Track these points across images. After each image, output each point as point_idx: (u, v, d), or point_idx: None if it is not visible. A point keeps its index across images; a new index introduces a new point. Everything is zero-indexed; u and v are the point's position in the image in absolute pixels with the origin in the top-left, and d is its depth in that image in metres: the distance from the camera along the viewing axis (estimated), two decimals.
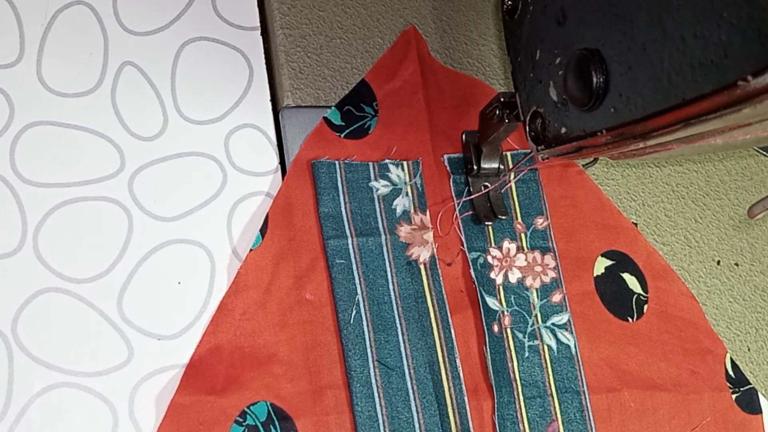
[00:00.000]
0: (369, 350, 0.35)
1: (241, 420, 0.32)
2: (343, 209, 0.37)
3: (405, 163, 0.39)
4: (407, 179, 0.39)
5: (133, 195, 0.36)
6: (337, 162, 0.38)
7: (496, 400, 0.36)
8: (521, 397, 0.37)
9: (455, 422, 0.35)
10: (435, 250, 0.38)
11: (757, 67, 0.19)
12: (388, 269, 0.37)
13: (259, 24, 0.41)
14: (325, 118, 0.39)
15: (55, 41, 0.37)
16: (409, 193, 0.39)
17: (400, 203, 0.38)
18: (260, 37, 0.41)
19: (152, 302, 0.35)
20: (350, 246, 0.37)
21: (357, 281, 0.36)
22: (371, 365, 0.35)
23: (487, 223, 0.40)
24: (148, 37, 0.39)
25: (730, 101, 0.21)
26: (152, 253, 0.36)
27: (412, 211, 0.39)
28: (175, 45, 0.39)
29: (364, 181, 0.38)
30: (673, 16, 0.22)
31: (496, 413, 0.36)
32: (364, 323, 0.36)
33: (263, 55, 0.41)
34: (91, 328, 0.34)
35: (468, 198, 0.40)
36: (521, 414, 0.37)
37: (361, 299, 0.36)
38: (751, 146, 0.48)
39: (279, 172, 0.39)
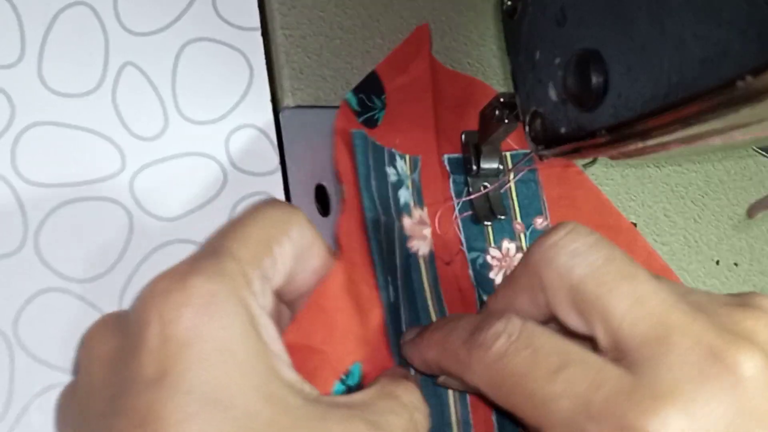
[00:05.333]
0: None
1: (344, 378, 0.31)
2: (372, 185, 0.37)
3: (407, 156, 0.39)
4: (408, 173, 0.39)
5: (134, 195, 0.36)
6: (369, 138, 0.37)
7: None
8: None
9: (455, 413, 0.35)
10: (433, 246, 0.38)
11: (756, 67, 0.19)
12: (398, 255, 0.37)
13: (259, 24, 0.41)
14: (345, 101, 0.38)
15: (56, 42, 0.37)
16: (409, 187, 0.39)
17: (403, 195, 0.38)
18: (260, 38, 0.41)
19: None
20: (379, 222, 0.36)
21: (385, 258, 0.35)
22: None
23: (486, 223, 0.40)
24: (149, 37, 0.39)
25: (729, 101, 0.21)
26: (152, 253, 0.36)
27: (412, 204, 0.38)
28: (176, 45, 0.39)
29: (381, 164, 0.38)
30: (672, 16, 0.22)
31: (494, 412, 0.36)
32: (402, 308, 0.35)
33: (263, 56, 0.41)
34: None
35: (467, 198, 0.40)
36: None
37: (390, 279, 0.35)
38: (750, 146, 0.48)
39: (279, 172, 0.39)
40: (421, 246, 0.38)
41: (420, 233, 0.38)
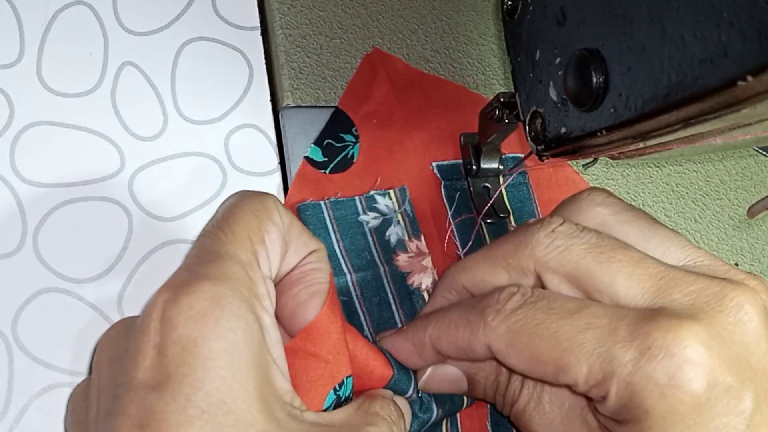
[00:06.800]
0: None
1: (338, 387, 0.31)
2: (336, 247, 0.36)
3: (391, 191, 0.38)
4: (396, 207, 0.38)
5: (133, 195, 0.36)
6: (322, 203, 0.37)
7: (489, 407, 0.36)
8: None
9: (445, 428, 0.35)
10: (435, 274, 0.38)
11: (756, 67, 0.19)
12: (392, 300, 0.36)
13: (259, 24, 0.41)
14: (306, 158, 0.38)
15: (55, 41, 0.37)
16: (401, 221, 0.38)
17: (393, 232, 0.38)
18: (260, 37, 0.41)
19: None
20: (350, 282, 0.36)
21: (362, 318, 0.35)
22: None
23: (489, 221, 0.39)
24: (148, 37, 0.39)
25: (729, 101, 0.21)
26: (152, 253, 0.36)
27: (407, 238, 0.38)
28: (175, 45, 0.39)
29: (353, 217, 0.37)
30: (672, 16, 0.22)
31: (489, 420, 0.36)
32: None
33: (263, 55, 0.41)
34: (91, 328, 0.34)
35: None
36: None
37: (368, 335, 0.35)
38: (751, 146, 0.48)
39: (279, 172, 0.39)
40: (423, 279, 0.37)
41: (419, 266, 0.37)
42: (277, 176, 0.39)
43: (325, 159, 0.38)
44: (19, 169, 0.35)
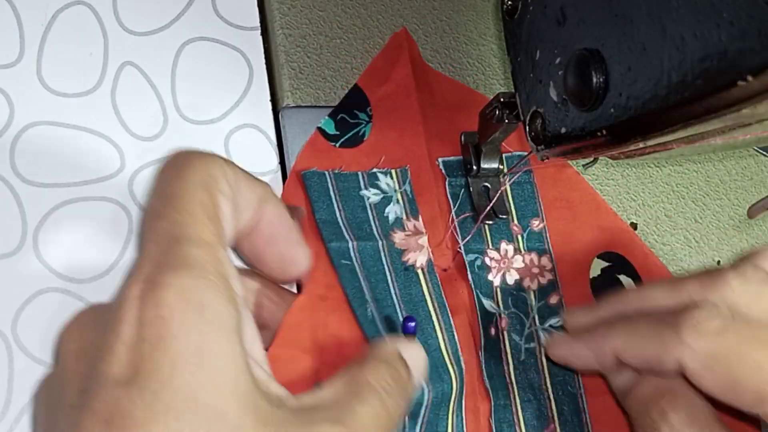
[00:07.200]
0: None
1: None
2: (338, 216, 0.37)
3: (393, 171, 0.39)
4: (396, 187, 0.39)
5: (133, 195, 0.36)
6: (326, 172, 0.37)
7: (492, 403, 0.36)
8: (517, 400, 0.37)
9: (451, 424, 0.35)
10: (431, 254, 0.38)
11: (757, 67, 0.19)
12: (388, 274, 0.36)
13: (259, 24, 0.41)
14: (319, 129, 0.38)
15: (55, 41, 0.37)
16: (400, 201, 0.38)
17: (392, 210, 0.38)
18: (260, 37, 0.41)
19: None
20: (351, 249, 0.36)
21: (363, 283, 0.36)
22: None
23: (488, 222, 0.39)
24: (148, 37, 0.39)
25: (729, 101, 0.21)
26: None
27: (405, 217, 0.38)
28: (175, 45, 0.39)
29: (354, 190, 0.38)
30: (672, 16, 0.22)
31: (492, 416, 0.36)
32: (378, 324, 0.35)
33: (263, 55, 0.41)
34: None
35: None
36: (518, 417, 0.36)
37: (369, 300, 0.35)
38: (751, 146, 0.48)
39: (279, 172, 0.39)
40: (418, 257, 0.37)
41: (415, 244, 0.38)
42: (278, 176, 0.39)
43: (337, 132, 0.39)
44: (18, 169, 0.35)
